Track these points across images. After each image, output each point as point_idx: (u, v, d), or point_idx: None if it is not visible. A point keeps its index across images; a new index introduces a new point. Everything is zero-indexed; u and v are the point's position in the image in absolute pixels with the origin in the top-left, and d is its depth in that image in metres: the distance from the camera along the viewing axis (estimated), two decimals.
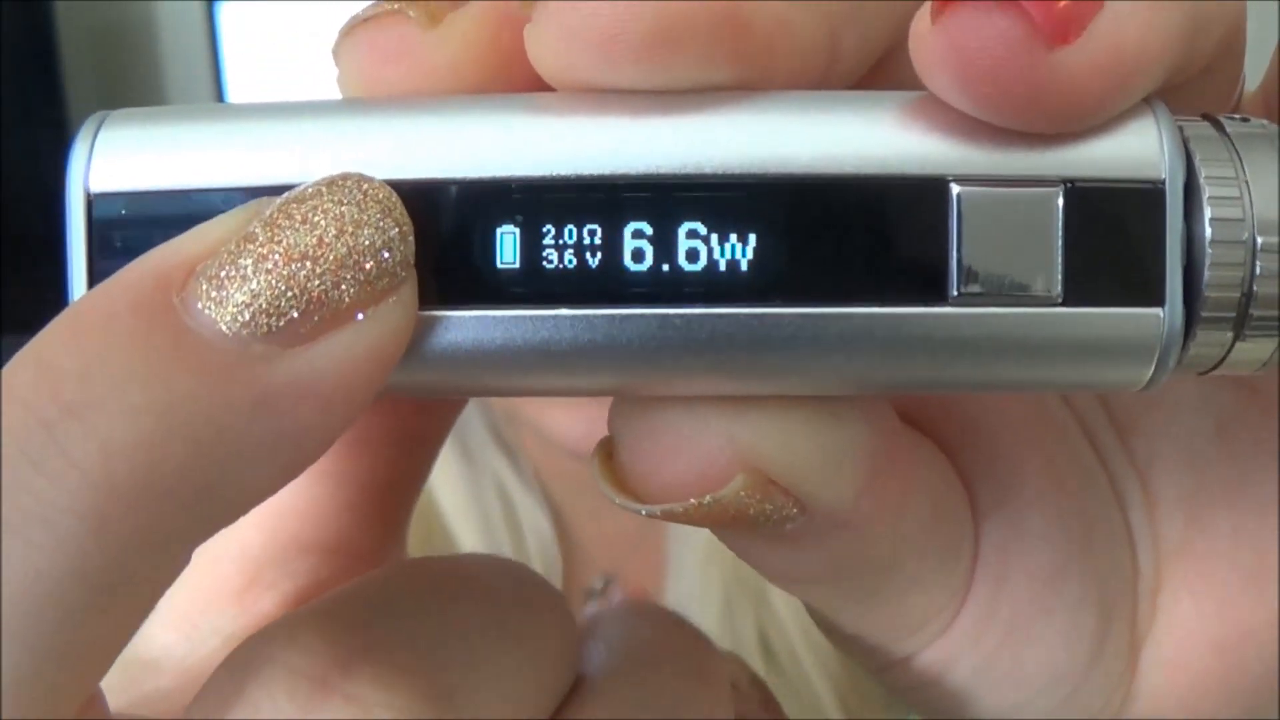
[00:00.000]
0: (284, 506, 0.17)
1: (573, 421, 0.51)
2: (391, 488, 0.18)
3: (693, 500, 0.13)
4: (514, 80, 0.13)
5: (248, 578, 0.18)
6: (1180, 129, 0.13)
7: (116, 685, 0.15)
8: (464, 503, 0.57)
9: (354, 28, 0.14)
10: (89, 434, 0.11)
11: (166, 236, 0.13)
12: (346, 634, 0.14)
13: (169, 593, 0.16)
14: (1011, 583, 0.17)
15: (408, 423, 0.18)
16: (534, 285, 0.12)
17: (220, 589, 0.18)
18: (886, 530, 0.15)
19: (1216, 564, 0.18)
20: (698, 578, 0.57)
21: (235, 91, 1.60)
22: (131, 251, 0.13)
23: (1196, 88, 0.14)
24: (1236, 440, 0.17)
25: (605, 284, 0.12)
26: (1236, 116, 0.13)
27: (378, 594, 0.16)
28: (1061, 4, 0.11)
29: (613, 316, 0.12)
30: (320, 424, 0.12)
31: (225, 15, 1.57)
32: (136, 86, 1.81)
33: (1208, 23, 0.14)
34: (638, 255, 0.12)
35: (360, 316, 0.12)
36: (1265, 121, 0.13)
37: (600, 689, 0.16)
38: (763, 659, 0.57)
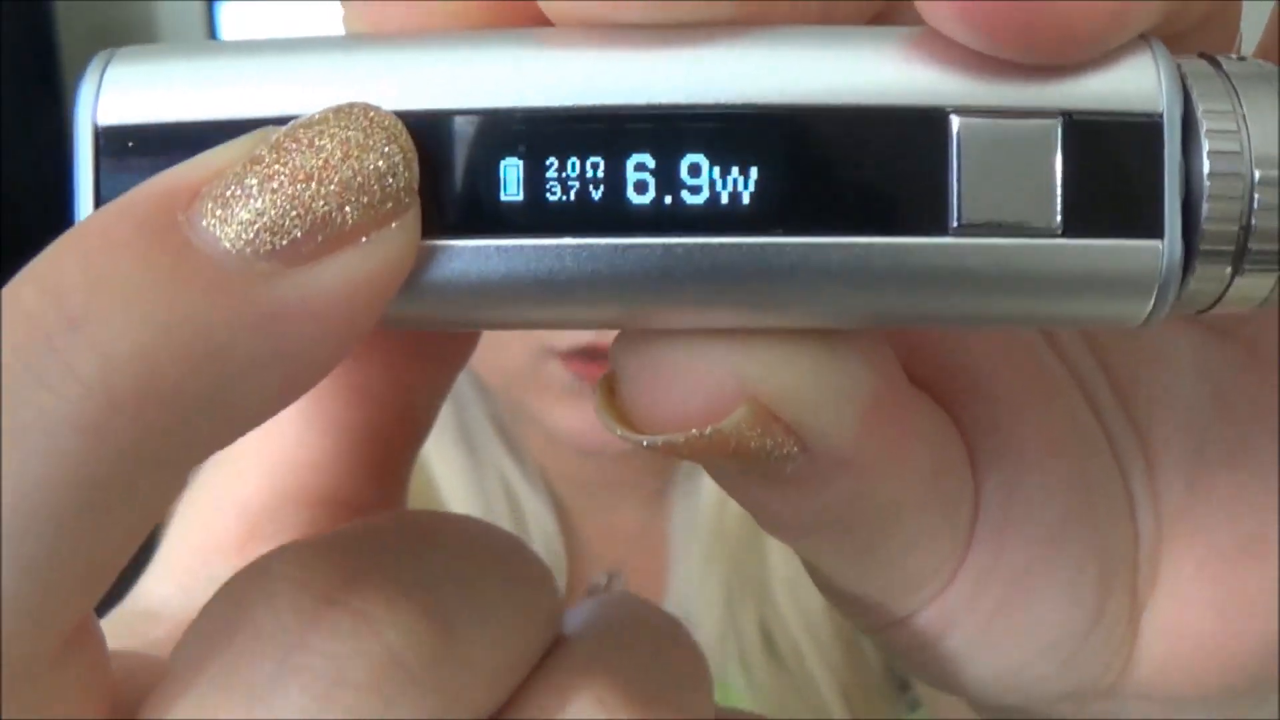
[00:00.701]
0: (284, 458, 0.17)
1: (576, 417, 0.51)
2: (392, 441, 0.18)
3: (694, 431, 0.13)
4: (517, 16, 0.13)
5: (247, 529, 0.18)
6: (1178, 65, 0.13)
7: (114, 635, 0.15)
8: (468, 498, 0.57)
9: None
10: (91, 346, 0.11)
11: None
12: (353, 559, 0.14)
13: (167, 545, 0.16)
14: (1011, 543, 0.17)
15: (408, 375, 0.18)
16: (537, 216, 0.12)
17: (219, 541, 0.18)
18: (886, 477, 0.15)
19: (1216, 529, 0.18)
20: (701, 573, 0.57)
21: None
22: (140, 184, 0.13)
23: (1194, 40, 0.14)
24: (1235, 406, 0.17)
25: (608, 215, 0.12)
26: (1234, 56, 0.14)
27: (382, 530, 0.16)
28: None
29: (616, 246, 0.12)
30: (320, 344, 0.12)
31: (225, 15, 1.57)
32: None
33: None
34: (640, 186, 0.12)
35: (364, 240, 0.12)
36: (1262, 61, 0.14)
37: (576, 644, 0.16)
38: (765, 654, 0.57)
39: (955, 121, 0.12)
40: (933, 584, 0.17)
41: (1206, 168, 0.12)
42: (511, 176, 0.12)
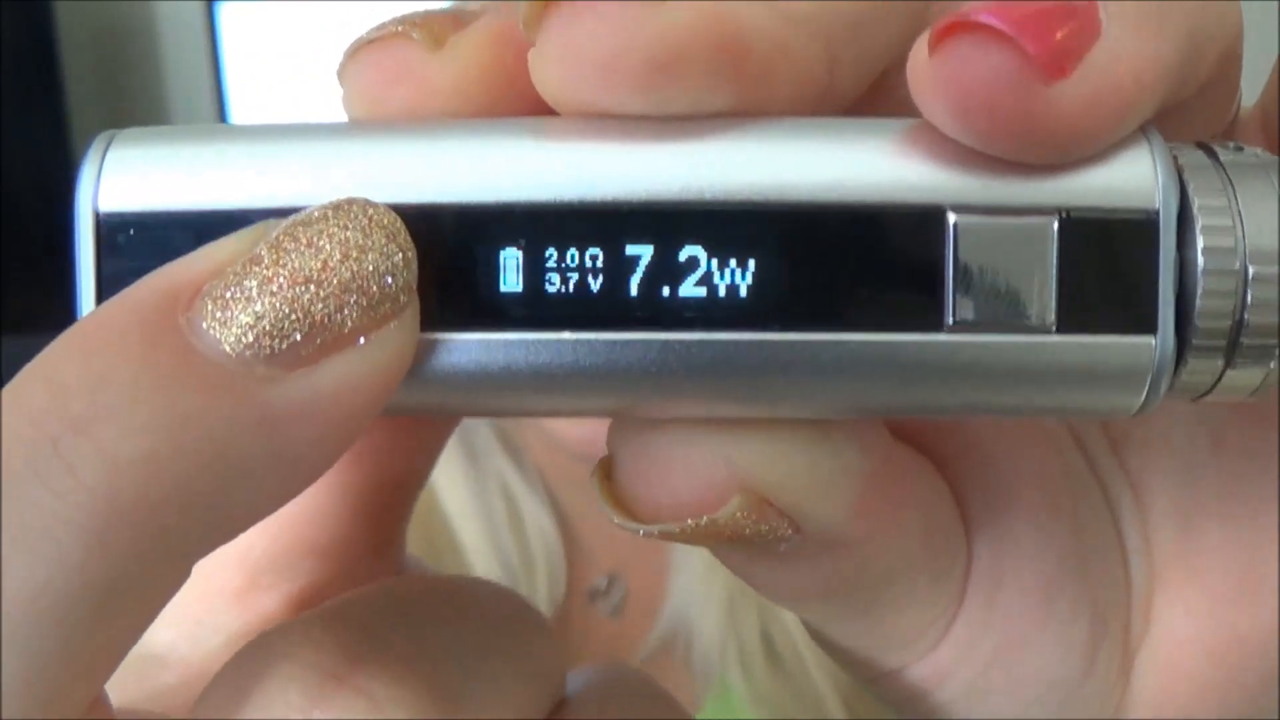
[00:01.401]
0: (285, 511, 0.17)
1: (576, 423, 0.51)
2: (391, 491, 0.18)
3: (690, 521, 0.14)
4: (518, 103, 0.13)
5: (248, 579, 0.18)
6: (1175, 158, 0.13)
7: (123, 681, 0.15)
8: (468, 503, 0.57)
9: (358, 49, 0.15)
10: (95, 450, 0.11)
11: (174, 256, 0.13)
12: (355, 635, 0.15)
13: None
14: (1004, 596, 0.17)
15: (408, 429, 0.18)
16: (535, 309, 0.12)
17: (222, 590, 0.18)
18: (879, 549, 0.15)
19: (1208, 573, 0.18)
20: (701, 578, 0.57)
21: (235, 92, 1.60)
22: (140, 271, 0.13)
23: (1193, 107, 0.15)
24: (1228, 452, 0.17)
25: (606, 308, 0.12)
26: (1231, 145, 0.14)
27: (383, 601, 0.16)
28: (1058, 37, 0.12)
29: (613, 341, 0.12)
30: (321, 444, 0.12)
31: (225, 15, 1.57)
32: (136, 86, 1.81)
33: (1205, 45, 0.14)
34: (639, 280, 0.12)
35: (362, 341, 0.12)
36: (1259, 150, 0.14)
37: (578, 708, 0.17)
38: (766, 659, 0.57)
39: (952, 219, 0.12)
40: (927, 638, 0.17)
41: (1201, 263, 0.12)
42: (511, 268, 0.12)
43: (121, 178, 0.14)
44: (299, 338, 0.12)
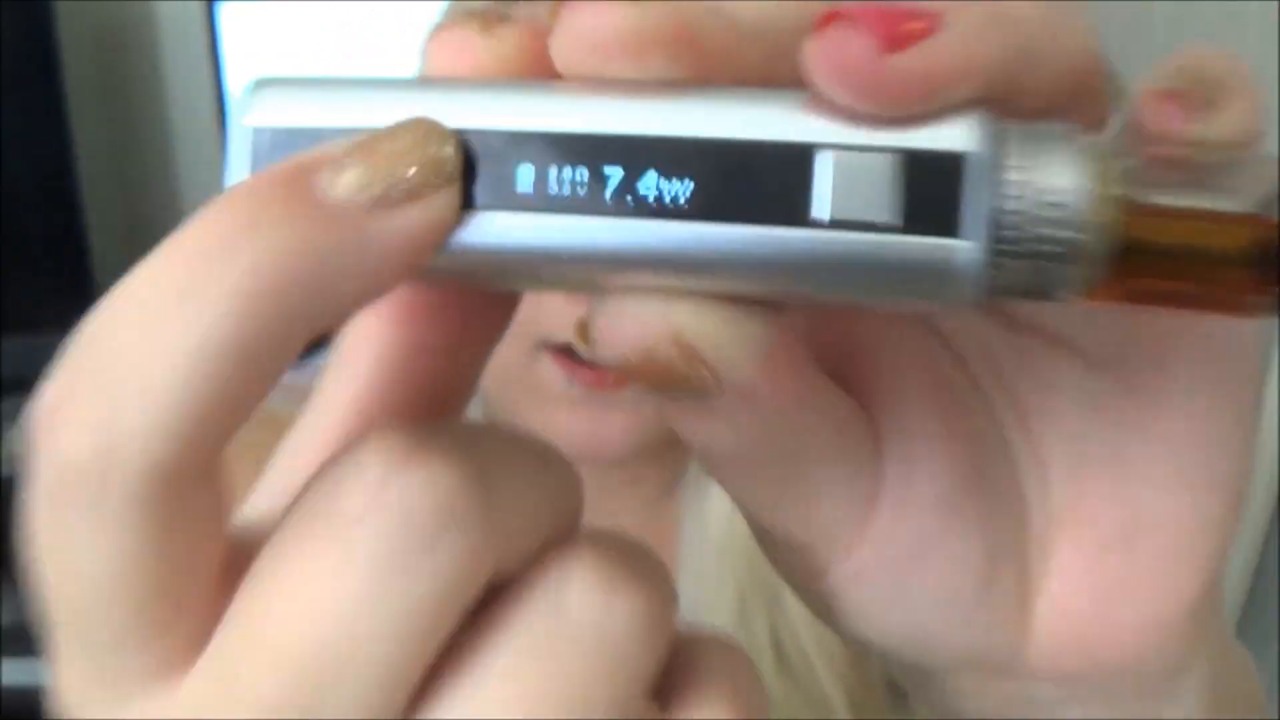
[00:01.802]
0: (356, 403, 0.21)
1: (571, 422, 0.52)
2: (444, 392, 0.22)
3: (635, 356, 0.19)
4: (542, 72, 0.19)
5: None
6: (995, 121, 0.18)
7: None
8: None
9: (435, 32, 0.20)
10: (252, 249, 0.17)
11: None
12: (422, 433, 0.18)
13: (263, 480, 0.22)
14: (912, 499, 0.21)
15: (457, 333, 0.22)
16: (542, 202, 0.19)
17: (305, 472, 0.20)
18: (787, 417, 0.20)
19: (1095, 523, 0.22)
20: (711, 578, 0.57)
21: (236, 91, 1.60)
22: None
23: (1053, 115, 0.19)
24: (1112, 423, 0.21)
25: (590, 205, 0.19)
26: (1047, 122, 0.19)
27: (446, 425, 0.21)
28: (902, 27, 0.17)
29: (591, 225, 0.19)
30: (393, 265, 0.18)
31: (225, 15, 1.57)
32: (136, 86, 1.81)
33: (1039, 60, 0.19)
34: (611, 188, 0.19)
35: (425, 199, 0.18)
36: (1058, 123, 0.19)
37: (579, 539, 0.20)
38: (775, 661, 0.57)
39: (821, 151, 0.18)
40: (845, 534, 0.21)
41: (1010, 191, 0.18)
42: (525, 175, 0.19)
43: (270, 100, 0.20)
44: (388, 190, 0.18)
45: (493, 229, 0.19)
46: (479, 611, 0.18)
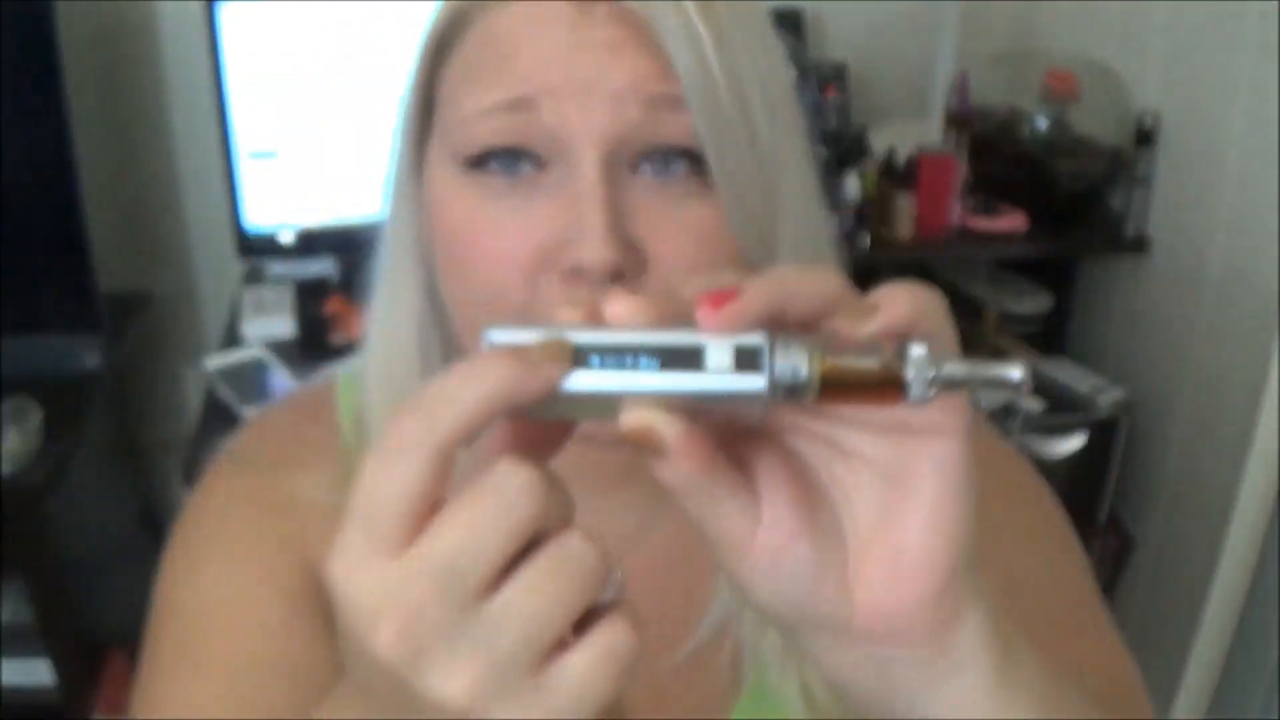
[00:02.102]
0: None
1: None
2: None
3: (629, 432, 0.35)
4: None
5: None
6: (769, 333, 0.34)
7: None
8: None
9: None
10: (474, 386, 0.33)
11: None
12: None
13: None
14: (775, 529, 0.37)
15: (537, 447, 0.36)
16: (600, 372, 0.35)
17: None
18: (700, 469, 0.35)
19: (881, 544, 0.37)
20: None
21: (235, 92, 1.60)
22: None
23: (827, 323, 0.35)
24: (890, 491, 0.37)
25: (620, 370, 0.35)
26: (793, 337, 0.34)
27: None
28: (723, 294, 0.34)
29: (620, 377, 0.35)
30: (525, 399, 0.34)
31: (225, 15, 1.57)
32: (136, 86, 1.81)
33: (794, 300, 0.34)
34: (625, 360, 0.35)
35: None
36: (803, 339, 0.34)
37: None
38: (800, 658, 0.57)
39: (707, 347, 0.35)
40: (739, 544, 0.37)
41: (776, 359, 0.34)
42: (595, 361, 0.34)
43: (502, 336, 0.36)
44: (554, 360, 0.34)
45: (581, 381, 0.34)
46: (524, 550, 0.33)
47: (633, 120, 0.48)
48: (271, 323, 1.65)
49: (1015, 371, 0.34)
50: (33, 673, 1.59)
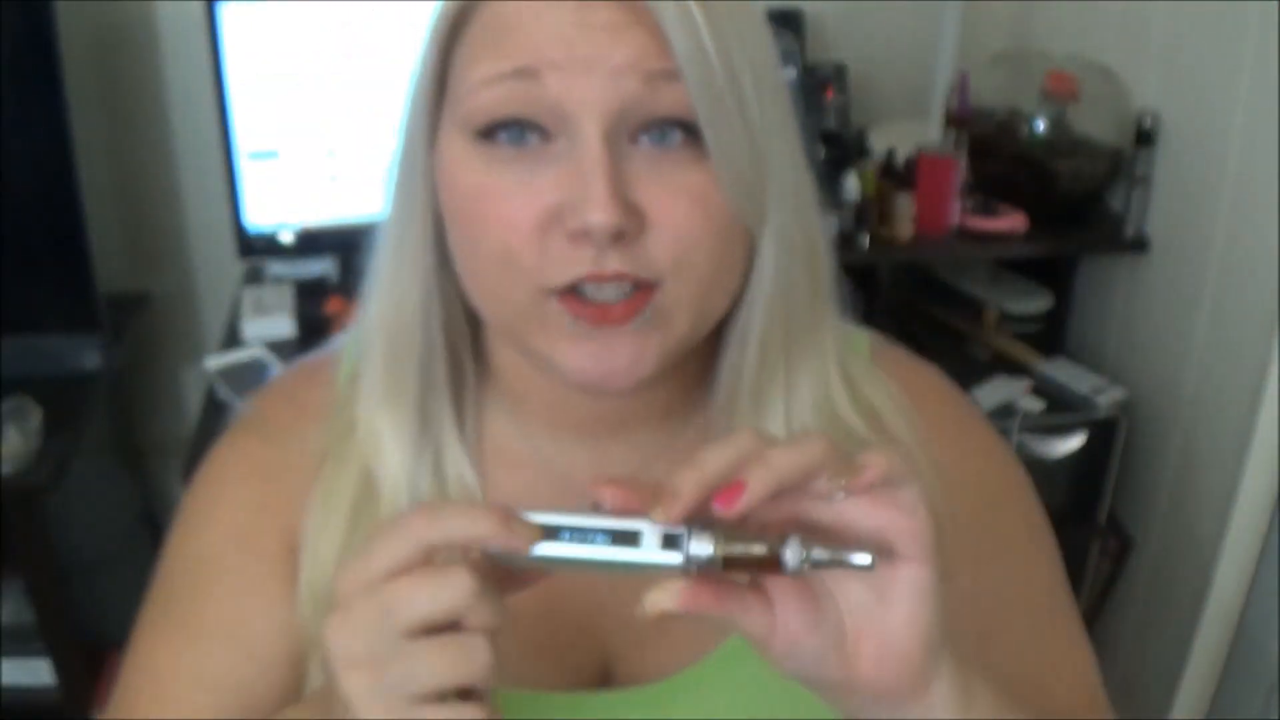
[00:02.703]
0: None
1: (578, 354, 0.55)
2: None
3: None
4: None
5: None
6: (685, 526, 0.46)
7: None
8: (403, 454, 0.63)
9: None
10: (454, 524, 0.47)
11: None
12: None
13: None
14: (789, 627, 0.47)
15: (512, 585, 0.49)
16: (562, 545, 0.47)
17: None
18: (717, 598, 0.46)
19: (870, 631, 0.47)
20: None
21: (235, 92, 1.60)
22: None
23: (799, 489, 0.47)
24: (883, 599, 0.47)
25: (579, 543, 0.47)
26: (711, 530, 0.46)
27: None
28: (729, 489, 0.45)
29: (577, 550, 0.47)
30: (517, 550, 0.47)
31: (225, 15, 1.57)
32: (136, 86, 1.81)
33: (788, 479, 0.45)
34: (581, 536, 0.47)
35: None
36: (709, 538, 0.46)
37: None
38: None
39: (646, 532, 0.47)
40: (764, 637, 0.47)
41: (686, 546, 0.46)
42: (561, 535, 0.46)
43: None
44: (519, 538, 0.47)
45: (543, 550, 0.46)
46: None
47: (633, 93, 0.51)
48: (271, 323, 1.65)
49: (863, 558, 0.44)
50: (33, 673, 1.59)
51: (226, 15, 1.57)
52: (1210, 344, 1.64)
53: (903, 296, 2.03)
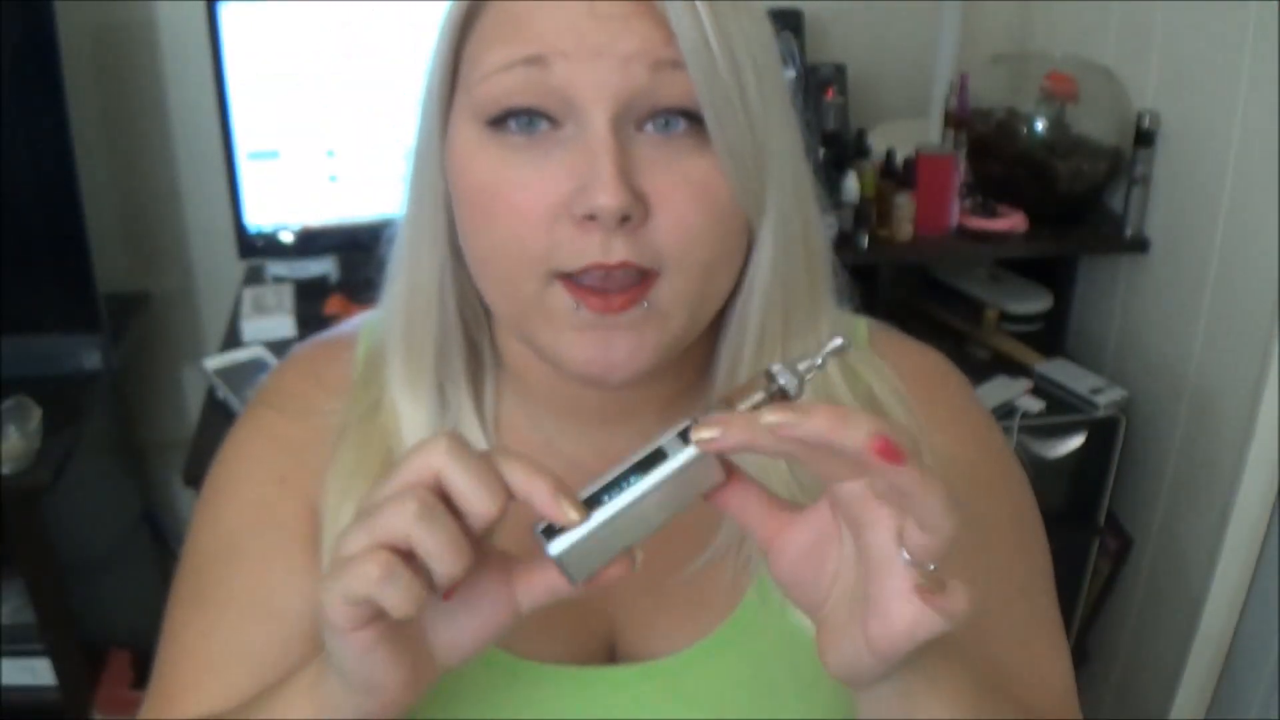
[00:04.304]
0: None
1: (582, 345, 0.56)
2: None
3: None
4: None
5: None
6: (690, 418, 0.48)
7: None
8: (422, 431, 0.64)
9: None
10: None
11: None
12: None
13: None
14: (792, 546, 0.50)
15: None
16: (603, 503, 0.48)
17: None
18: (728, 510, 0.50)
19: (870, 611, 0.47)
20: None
21: (235, 92, 1.60)
22: None
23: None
24: (870, 563, 0.47)
25: (616, 492, 0.48)
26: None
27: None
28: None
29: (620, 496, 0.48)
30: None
31: (225, 15, 1.57)
32: (136, 86, 1.81)
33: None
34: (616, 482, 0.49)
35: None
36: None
37: None
38: None
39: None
40: (763, 539, 0.50)
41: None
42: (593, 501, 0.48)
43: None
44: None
45: (601, 513, 0.47)
46: None
47: (639, 82, 0.53)
48: (271, 323, 1.65)
49: (835, 341, 0.48)
50: (33, 673, 1.59)
51: (226, 15, 1.57)
52: (1210, 344, 1.64)
53: (902, 296, 2.03)
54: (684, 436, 0.47)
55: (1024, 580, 0.67)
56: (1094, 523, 1.82)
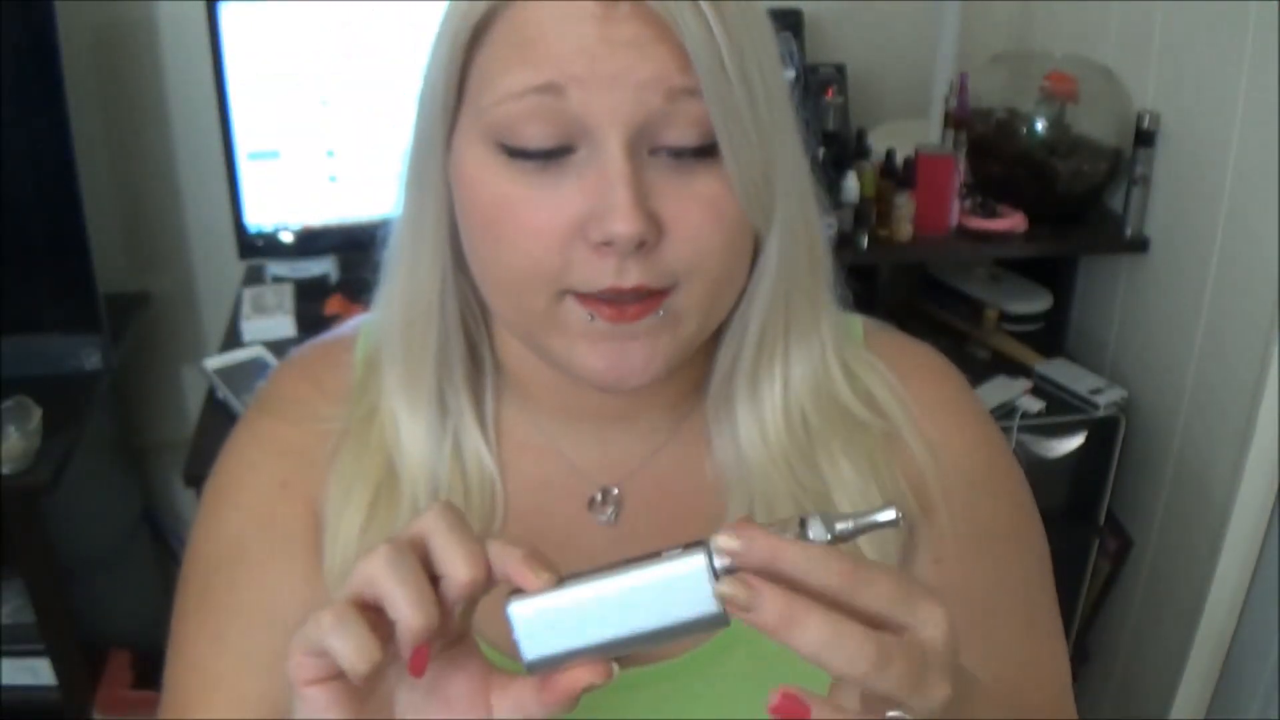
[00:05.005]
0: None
1: (596, 354, 0.56)
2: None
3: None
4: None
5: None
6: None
7: None
8: (423, 441, 0.64)
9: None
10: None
11: None
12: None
13: None
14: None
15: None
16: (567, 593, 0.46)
17: None
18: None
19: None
20: (757, 479, 0.66)
21: (235, 92, 1.60)
22: None
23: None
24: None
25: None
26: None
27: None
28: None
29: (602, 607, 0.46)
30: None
31: (226, 15, 1.57)
32: (136, 86, 1.81)
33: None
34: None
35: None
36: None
37: None
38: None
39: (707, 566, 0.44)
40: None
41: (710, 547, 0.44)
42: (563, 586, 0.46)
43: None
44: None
45: (568, 589, 0.45)
46: None
47: (655, 109, 0.53)
48: (271, 323, 1.65)
49: (888, 514, 0.45)
50: (33, 673, 1.59)
51: (226, 15, 1.57)
52: (1210, 344, 1.64)
53: (902, 296, 2.03)
54: (689, 548, 0.44)
55: (1023, 578, 0.67)
56: (1094, 523, 1.82)
